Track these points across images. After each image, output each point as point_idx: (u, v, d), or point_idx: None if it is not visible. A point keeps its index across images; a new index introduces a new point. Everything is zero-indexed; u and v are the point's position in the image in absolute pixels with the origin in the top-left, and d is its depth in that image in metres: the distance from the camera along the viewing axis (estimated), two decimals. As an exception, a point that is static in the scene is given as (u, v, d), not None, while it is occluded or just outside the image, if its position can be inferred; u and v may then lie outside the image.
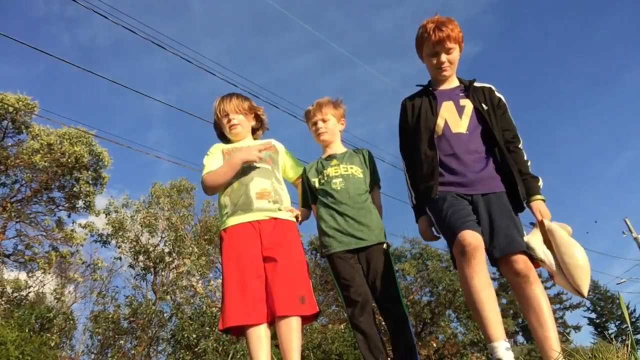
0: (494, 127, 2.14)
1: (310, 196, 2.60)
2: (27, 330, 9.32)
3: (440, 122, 2.18)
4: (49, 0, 32.43)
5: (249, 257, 2.15)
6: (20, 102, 11.53)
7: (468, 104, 2.21)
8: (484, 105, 2.20)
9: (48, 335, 10.19)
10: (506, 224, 1.96)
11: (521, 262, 1.88)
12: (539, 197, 2.08)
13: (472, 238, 1.84)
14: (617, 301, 29.34)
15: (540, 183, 2.12)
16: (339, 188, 2.47)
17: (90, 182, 13.00)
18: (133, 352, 11.90)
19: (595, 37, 64.42)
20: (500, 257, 1.91)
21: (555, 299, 29.83)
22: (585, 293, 1.87)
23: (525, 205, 2.10)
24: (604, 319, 30.03)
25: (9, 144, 12.28)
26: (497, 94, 2.30)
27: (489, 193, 2.05)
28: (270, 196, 2.29)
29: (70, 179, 12.78)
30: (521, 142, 2.22)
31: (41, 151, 11.87)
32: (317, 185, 2.56)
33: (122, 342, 12.11)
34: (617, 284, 24.06)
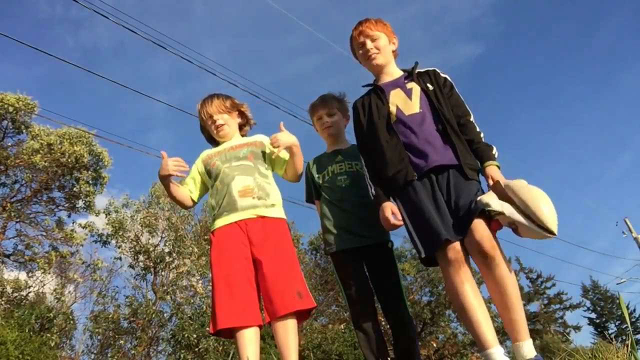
0: (442, 105, 2.15)
1: (314, 192, 2.58)
2: (27, 330, 9.33)
3: (392, 109, 2.19)
4: (53, 2, 32.38)
5: (238, 259, 2.11)
6: (20, 102, 11.53)
7: (415, 86, 2.23)
8: (429, 86, 2.22)
9: (48, 335, 10.20)
10: (465, 195, 1.94)
11: (487, 241, 1.82)
12: (492, 162, 2.02)
13: (460, 246, 1.86)
14: (617, 301, 29.33)
15: (495, 151, 2.07)
16: (343, 185, 2.45)
17: (90, 182, 12.99)
18: (133, 352, 11.90)
19: (595, 38, 64.44)
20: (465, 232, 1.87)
21: (555, 299, 29.80)
22: (555, 229, 1.76)
23: (480, 174, 2.06)
24: (604, 319, 29.98)
25: (9, 144, 12.29)
26: (442, 74, 2.31)
27: (449, 166, 2.02)
28: (254, 192, 2.22)
29: (70, 179, 12.77)
30: (472, 115, 2.20)
31: (41, 151, 11.86)
32: (321, 181, 2.54)
33: (122, 342, 12.12)
34: (617, 284, 24.06)
